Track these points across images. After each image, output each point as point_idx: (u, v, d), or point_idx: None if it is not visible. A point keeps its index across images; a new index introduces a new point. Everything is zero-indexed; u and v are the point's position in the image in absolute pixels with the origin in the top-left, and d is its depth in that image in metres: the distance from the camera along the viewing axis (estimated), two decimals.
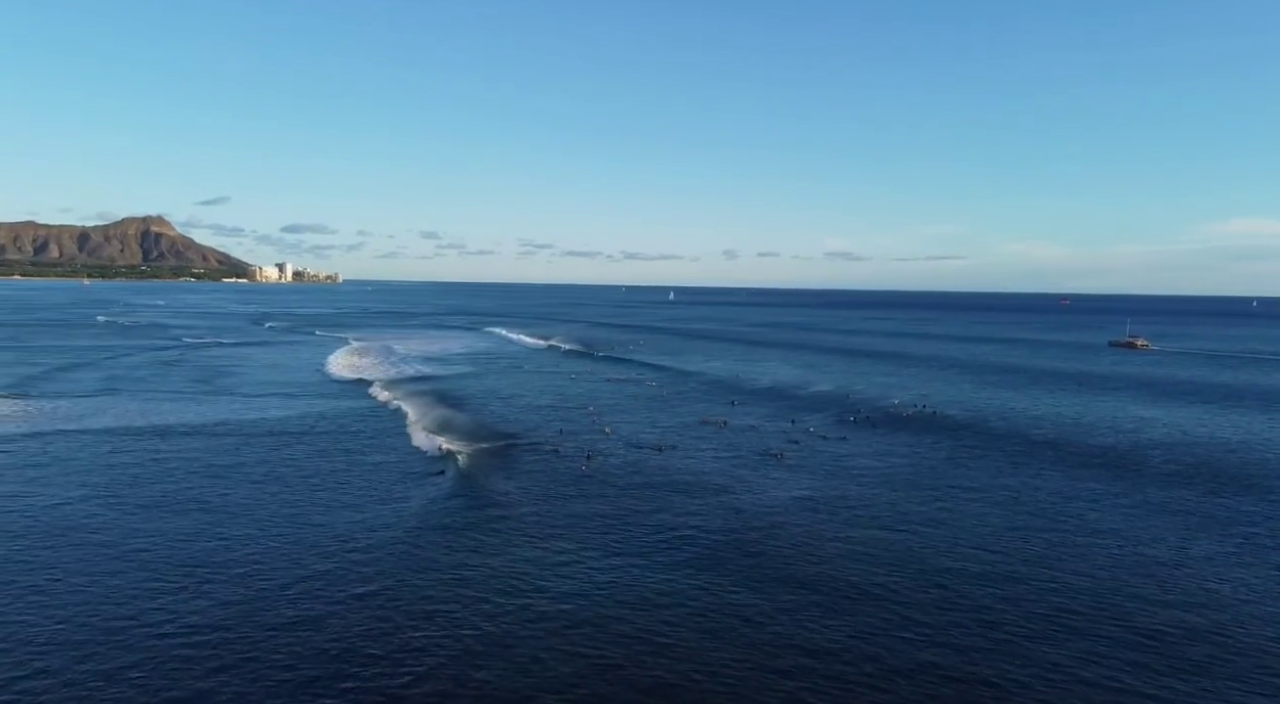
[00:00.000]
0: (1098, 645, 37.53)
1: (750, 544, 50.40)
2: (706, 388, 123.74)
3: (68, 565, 44.55)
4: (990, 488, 65.55)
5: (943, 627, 38.97)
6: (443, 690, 32.57)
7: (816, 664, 35.24)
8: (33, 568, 44.07)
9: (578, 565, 46.18)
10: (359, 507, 57.12)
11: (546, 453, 75.32)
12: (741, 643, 37.00)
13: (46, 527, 51.00)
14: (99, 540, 48.66)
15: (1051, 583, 44.99)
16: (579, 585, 43.22)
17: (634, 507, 58.18)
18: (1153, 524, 56.42)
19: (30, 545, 47.60)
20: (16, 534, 49.46)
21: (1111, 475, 70.93)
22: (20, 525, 51.23)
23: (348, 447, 76.97)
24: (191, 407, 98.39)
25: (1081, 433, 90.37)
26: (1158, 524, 56.45)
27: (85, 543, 48.13)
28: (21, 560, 45.19)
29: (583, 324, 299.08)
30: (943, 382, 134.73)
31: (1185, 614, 41.01)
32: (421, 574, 44.12)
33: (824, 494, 62.48)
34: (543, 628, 37.95)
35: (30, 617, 38.14)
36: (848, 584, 44.12)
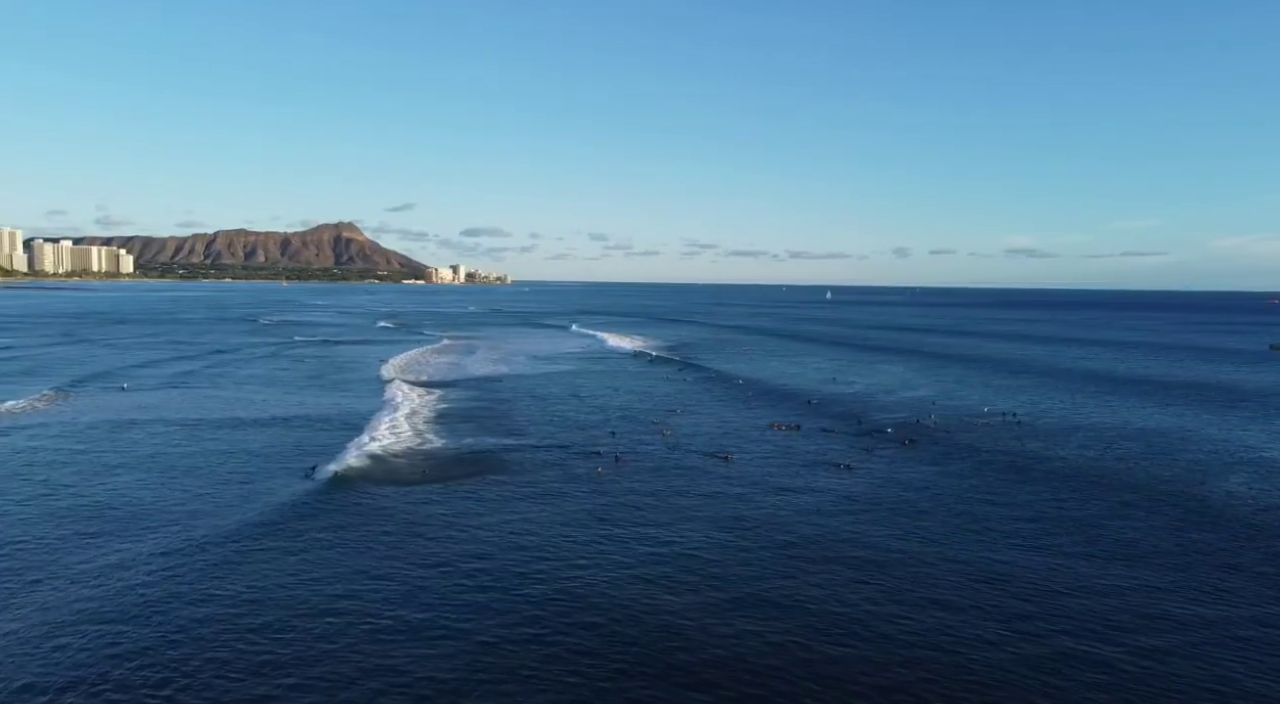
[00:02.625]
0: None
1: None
2: (789, 392, 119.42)
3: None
4: (977, 515, 55.82)
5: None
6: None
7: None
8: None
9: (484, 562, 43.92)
10: (233, 507, 57.33)
11: (571, 456, 75.10)
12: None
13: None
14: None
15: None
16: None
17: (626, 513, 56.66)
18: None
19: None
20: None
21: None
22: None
23: (301, 442, 77.52)
24: (211, 399, 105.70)
25: (1152, 454, 76.32)
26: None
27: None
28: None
29: (697, 326, 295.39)
30: (1045, 390, 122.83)
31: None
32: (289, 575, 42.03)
33: (825, 509, 56.31)
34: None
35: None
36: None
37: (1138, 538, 53.25)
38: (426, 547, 49.76)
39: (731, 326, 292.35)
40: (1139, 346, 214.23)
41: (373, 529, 52.93)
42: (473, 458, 74.15)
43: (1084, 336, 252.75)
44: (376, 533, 52.21)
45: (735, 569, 46.97)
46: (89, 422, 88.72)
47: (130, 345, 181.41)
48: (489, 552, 49.10)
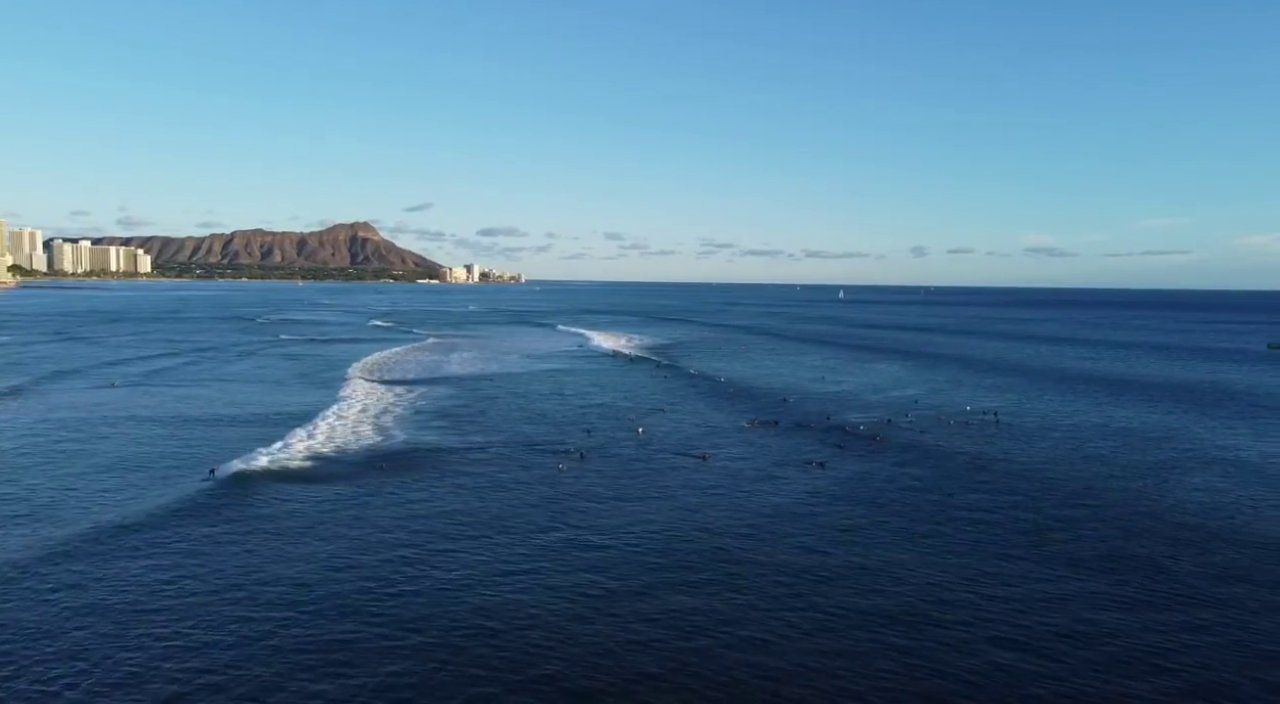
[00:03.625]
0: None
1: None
2: (773, 391, 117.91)
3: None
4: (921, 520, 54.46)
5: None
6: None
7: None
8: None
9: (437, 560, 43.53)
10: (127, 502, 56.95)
11: (533, 453, 74.28)
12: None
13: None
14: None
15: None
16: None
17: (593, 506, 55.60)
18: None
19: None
20: None
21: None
22: None
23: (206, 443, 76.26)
24: (162, 396, 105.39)
25: (1122, 455, 74.87)
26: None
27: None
28: None
29: (700, 326, 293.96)
30: (1034, 390, 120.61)
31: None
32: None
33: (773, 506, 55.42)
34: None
35: None
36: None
37: (1071, 540, 52.21)
38: (309, 548, 48.16)
39: (735, 327, 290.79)
40: (1141, 347, 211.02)
41: (258, 530, 51.41)
42: (410, 456, 72.95)
43: (1088, 337, 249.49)
44: (261, 534, 50.69)
45: (648, 576, 45.71)
46: (32, 419, 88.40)
47: (117, 343, 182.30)
48: (373, 556, 47.21)
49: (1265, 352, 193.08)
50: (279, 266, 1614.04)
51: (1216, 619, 40.07)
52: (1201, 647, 37.00)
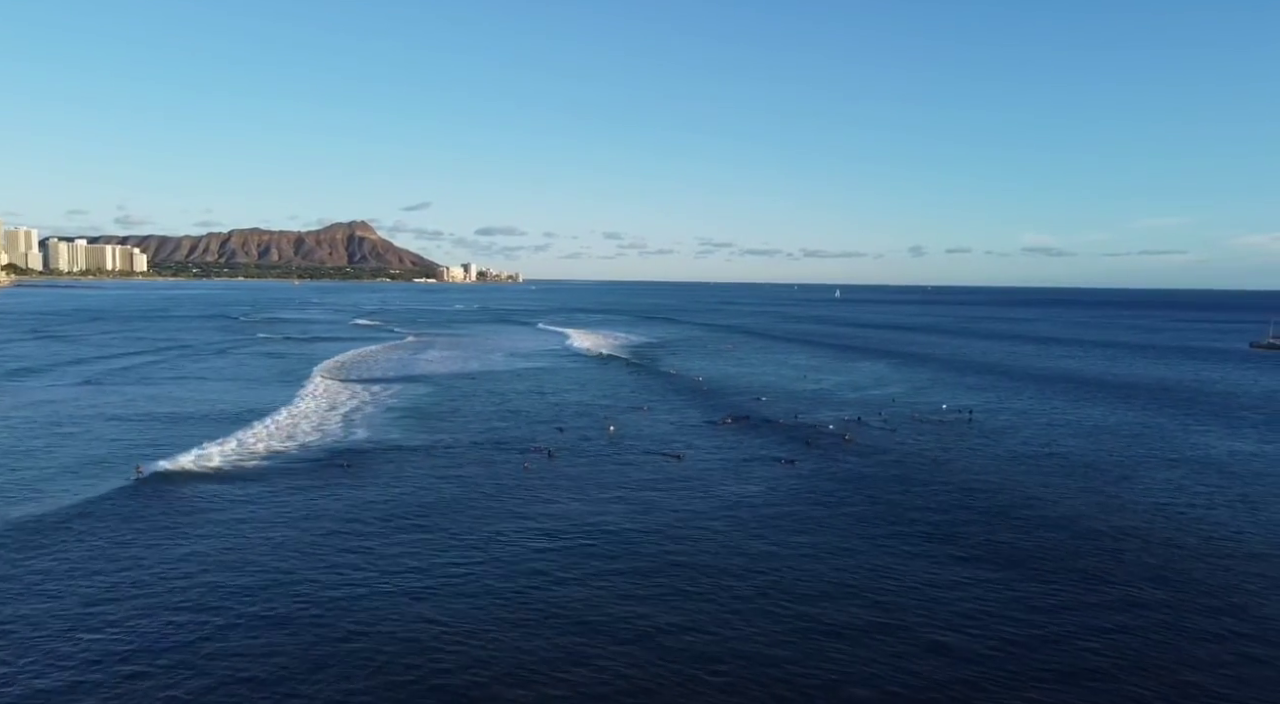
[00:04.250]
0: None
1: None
2: (751, 390, 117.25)
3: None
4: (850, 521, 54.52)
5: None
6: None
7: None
8: None
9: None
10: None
11: (501, 451, 73.93)
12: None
13: None
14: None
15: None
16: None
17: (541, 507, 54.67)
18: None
19: None
20: None
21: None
22: None
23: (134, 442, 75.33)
24: (118, 394, 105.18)
25: (1085, 454, 74.74)
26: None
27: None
28: None
29: (689, 326, 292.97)
30: (1012, 389, 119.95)
31: None
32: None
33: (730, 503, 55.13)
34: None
35: None
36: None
37: (1013, 541, 52.30)
38: (223, 547, 47.46)
39: (725, 326, 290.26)
40: (1127, 346, 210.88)
41: (172, 529, 50.63)
42: (371, 454, 72.46)
43: (1078, 337, 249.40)
44: (176, 533, 49.90)
45: (594, 579, 45.48)
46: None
47: (93, 341, 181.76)
48: (295, 557, 46.44)
49: (1247, 350, 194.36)
50: (276, 265, 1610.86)
51: (1138, 623, 39.99)
52: (1115, 651, 37.02)
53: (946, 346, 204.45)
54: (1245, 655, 36.29)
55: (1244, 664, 35.46)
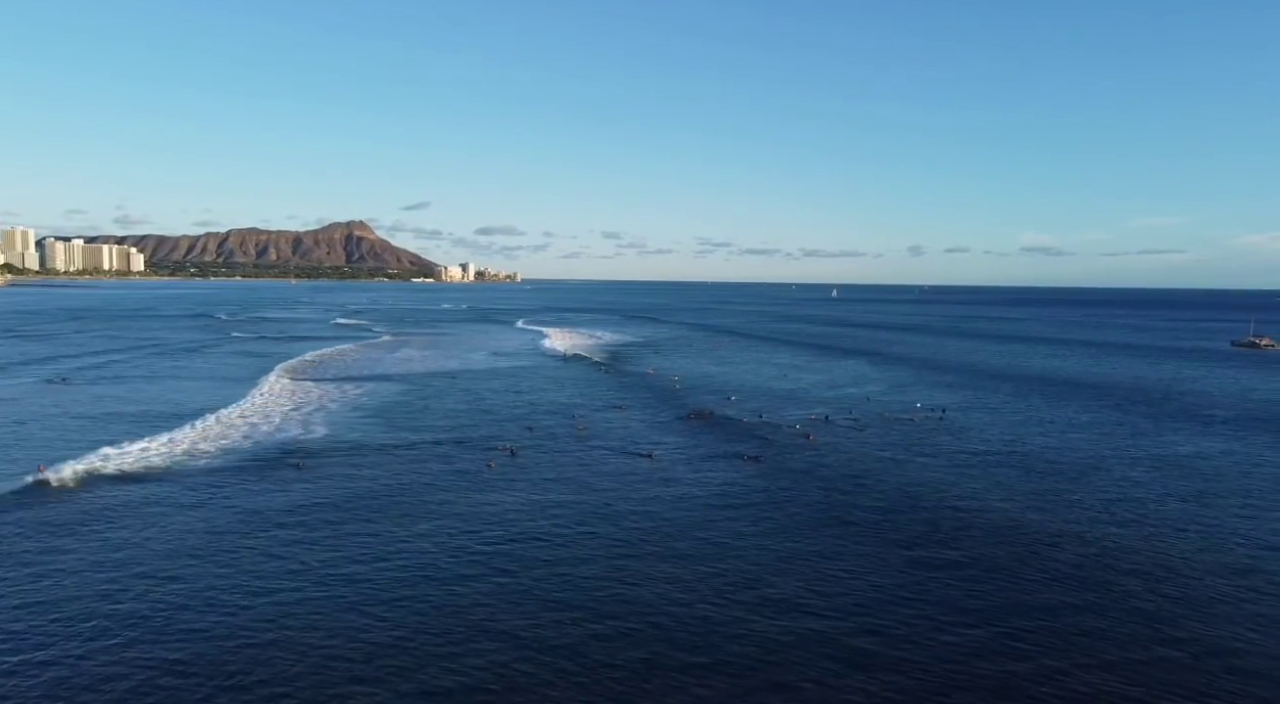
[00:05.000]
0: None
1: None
2: (724, 389, 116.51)
3: None
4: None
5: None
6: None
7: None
8: None
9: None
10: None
11: (464, 450, 73.36)
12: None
13: None
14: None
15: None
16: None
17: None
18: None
19: None
20: None
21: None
22: None
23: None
24: (63, 392, 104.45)
25: (1047, 453, 74.32)
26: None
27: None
28: None
29: (676, 326, 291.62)
30: (989, 389, 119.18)
31: None
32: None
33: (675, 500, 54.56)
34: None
35: None
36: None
37: (950, 543, 52.09)
38: (129, 555, 46.00)
39: (714, 326, 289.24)
40: (1112, 346, 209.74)
41: (79, 534, 49.25)
42: (327, 453, 71.59)
43: (1066, 336, 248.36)
44: (80, 538, 48.53)
45: (531, 583, 45.40)
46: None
47: (64, 339, 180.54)
48: (205, 561, 45.37)
49: (1229, 349, 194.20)
50: (274, 265, 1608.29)
51: (1059, 625, 39.88)
52: (1019, 654, 36.91)
53: (932, 346, 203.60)
54: (1159, 659, 35.92)
55: (1153, 667, 35.13)
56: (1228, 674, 34.23)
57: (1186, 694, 32.70)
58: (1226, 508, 59.17)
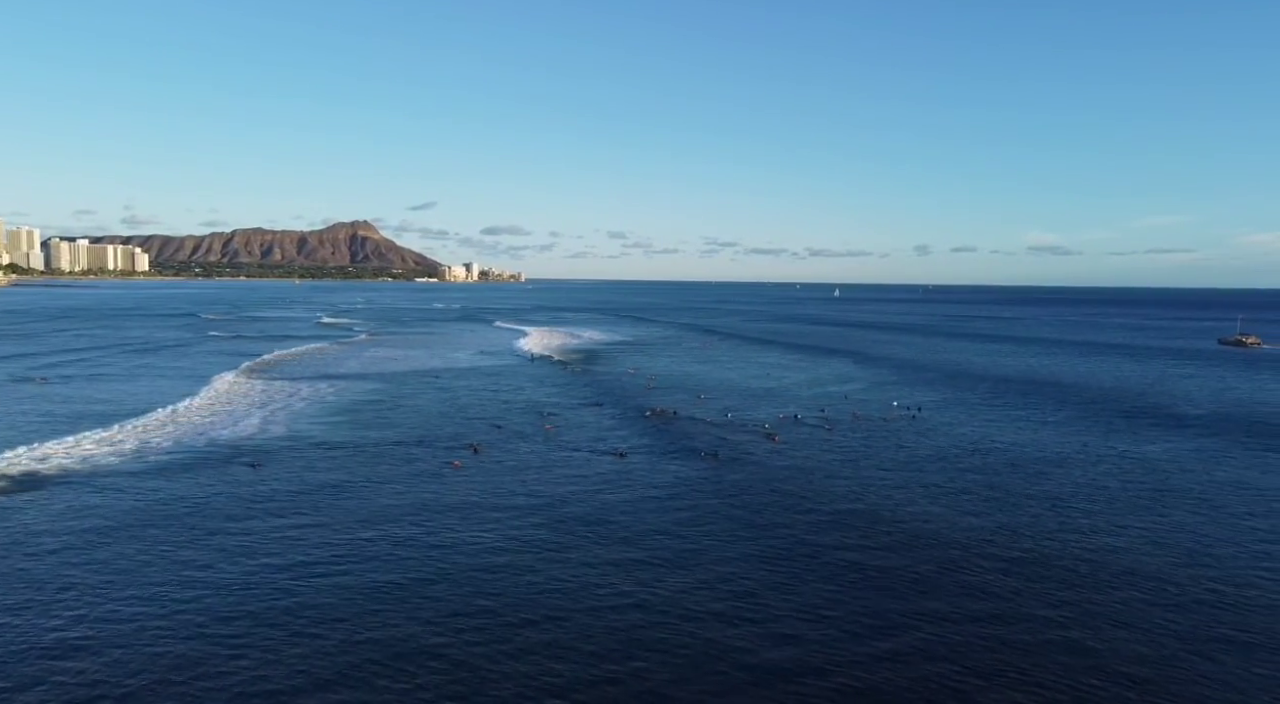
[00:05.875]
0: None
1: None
2: (698, 388, 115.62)
3: None
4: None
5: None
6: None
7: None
8: None
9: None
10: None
11: (427, 449, 73.05)
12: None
13: None
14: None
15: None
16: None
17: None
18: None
19: None
20: None
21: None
22: None
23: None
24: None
25: (1010, 453, 73.55)
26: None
27: None
28: None
29: (668, 326, 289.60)
30: (967, 389, 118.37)
31: None
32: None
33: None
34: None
35: None
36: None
37: (889, 539, 51.70)
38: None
39: (707, 326, 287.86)
40: (1102, 345, 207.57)
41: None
42: (282, 453, 70.75)
43: (1059, 336, 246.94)
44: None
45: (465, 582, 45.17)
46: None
47: (39, 339, 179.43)
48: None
49: (1216, 347, 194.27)
50: (278, 265, 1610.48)
51: (994, 633, 39.57)
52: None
53: (922, 346, 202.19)
54: (1053, 668, 35.37)
55: (1047, 674, 34.64)
56: (1130, 685, 33.58)
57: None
58: (1178, 507, 58.54)
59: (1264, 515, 56.99)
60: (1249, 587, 43.62)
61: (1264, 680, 33.57)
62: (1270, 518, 56.34)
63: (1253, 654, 35.86)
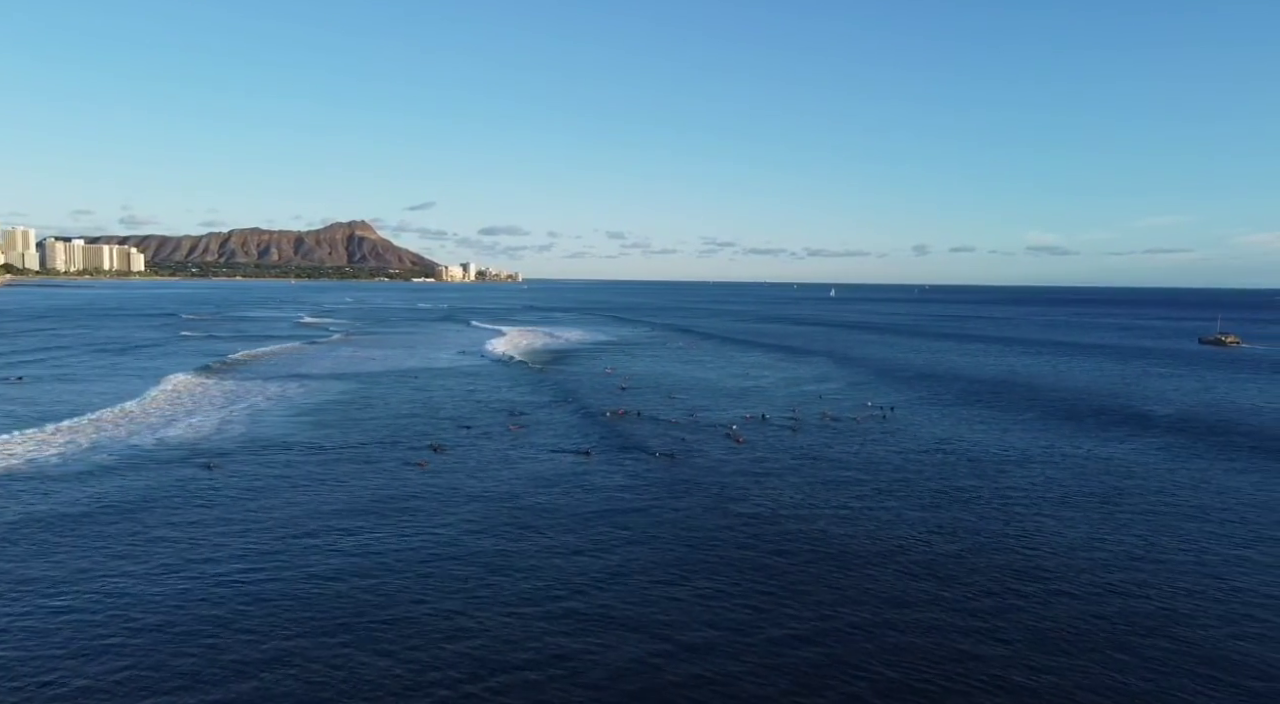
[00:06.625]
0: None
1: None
2: (670, 388, 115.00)
3: None
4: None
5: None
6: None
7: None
8: None
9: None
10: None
11: (386, 449, 70.73)
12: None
13: None
14: None
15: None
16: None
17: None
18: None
19: None
20: None
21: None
22: None
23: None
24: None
25: (970, 454, 73.05)
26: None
27: None
28: None
29: (653, 327, 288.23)
30: (942, 390, 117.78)
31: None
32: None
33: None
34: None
35: None
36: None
37: (830, 538, 51.40)
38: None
39: (696, 326, 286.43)
40: (1086, 346, 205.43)
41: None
42: (238, 454, 69.82)
43: (1047, 337, 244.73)
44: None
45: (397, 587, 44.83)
46: None
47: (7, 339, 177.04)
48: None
49: (1195, 348, 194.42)
50: (275, 265, 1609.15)
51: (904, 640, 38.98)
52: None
53: (907, 346, 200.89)
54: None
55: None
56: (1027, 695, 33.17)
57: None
58: (1127, 506, 58.07)
59: (1213, 516, 56.43)
60: (1183, 593, 42.99)
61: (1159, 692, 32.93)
62: (1216, 519, 55.78)
63: (1166, 659, 35.31)
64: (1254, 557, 47.62)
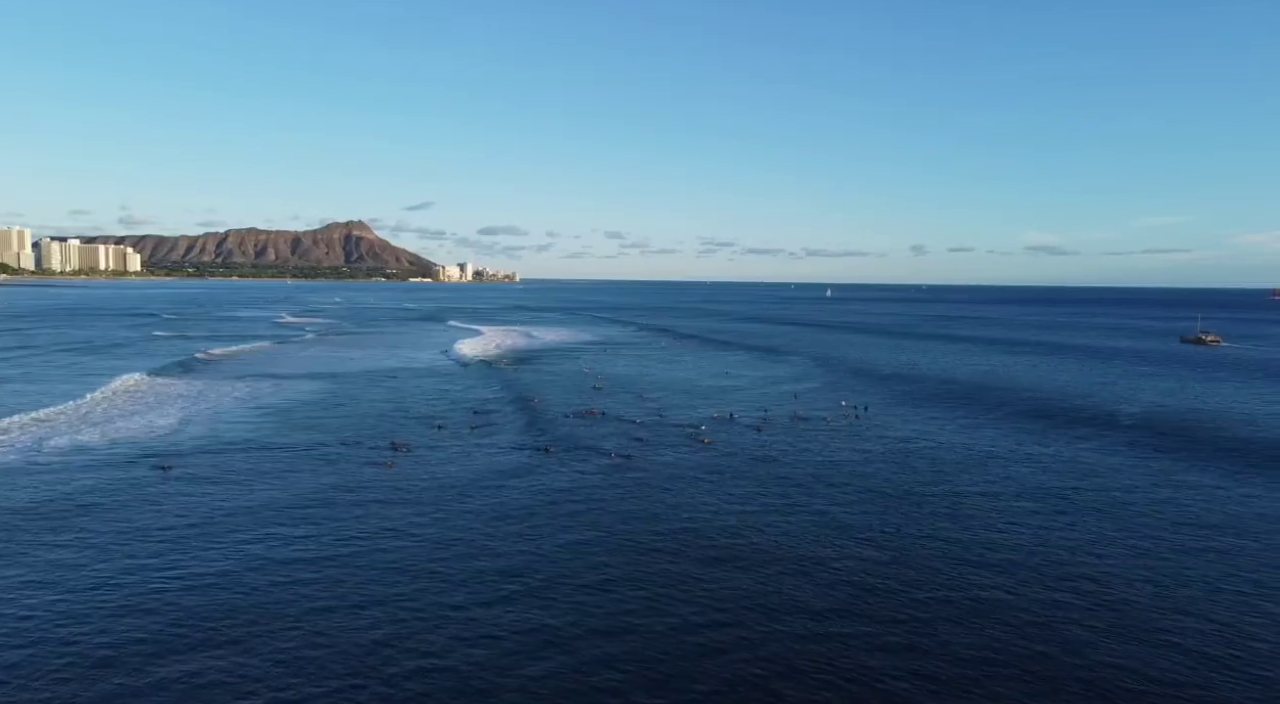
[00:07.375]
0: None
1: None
2: (643, 388, 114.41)
3: None
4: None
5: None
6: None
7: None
8: None
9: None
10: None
11: (349, 449, 69.85)
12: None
13: None
14: None
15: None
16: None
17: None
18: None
19: None
20: None
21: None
22: None
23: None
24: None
25: (937, 456, 72.46)
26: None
27: None
28: None
29: (642, 327, 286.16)
30: (920, 389, 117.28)
31: None
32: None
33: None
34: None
35: None
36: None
37: (772, 538, 50.77)
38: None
39: (685, 326, 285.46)
40: (1070, 346, 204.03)
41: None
42: (194, 455, 69.26)
43: (1034, 337, 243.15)
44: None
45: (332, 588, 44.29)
46: None
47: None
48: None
49: (1175, 347, 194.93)
50: (272, 265, 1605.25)
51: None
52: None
53: (892, 346, 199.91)
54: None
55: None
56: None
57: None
58: (1081, 503, 57.49)
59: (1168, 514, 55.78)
60: (1127, 593, 42.27)
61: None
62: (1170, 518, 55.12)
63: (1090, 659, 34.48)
64: (1191, 545, 47.14)
